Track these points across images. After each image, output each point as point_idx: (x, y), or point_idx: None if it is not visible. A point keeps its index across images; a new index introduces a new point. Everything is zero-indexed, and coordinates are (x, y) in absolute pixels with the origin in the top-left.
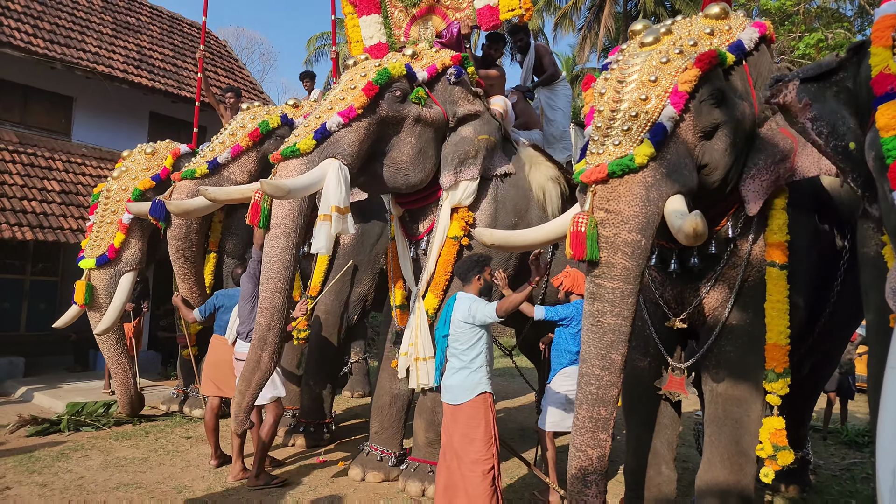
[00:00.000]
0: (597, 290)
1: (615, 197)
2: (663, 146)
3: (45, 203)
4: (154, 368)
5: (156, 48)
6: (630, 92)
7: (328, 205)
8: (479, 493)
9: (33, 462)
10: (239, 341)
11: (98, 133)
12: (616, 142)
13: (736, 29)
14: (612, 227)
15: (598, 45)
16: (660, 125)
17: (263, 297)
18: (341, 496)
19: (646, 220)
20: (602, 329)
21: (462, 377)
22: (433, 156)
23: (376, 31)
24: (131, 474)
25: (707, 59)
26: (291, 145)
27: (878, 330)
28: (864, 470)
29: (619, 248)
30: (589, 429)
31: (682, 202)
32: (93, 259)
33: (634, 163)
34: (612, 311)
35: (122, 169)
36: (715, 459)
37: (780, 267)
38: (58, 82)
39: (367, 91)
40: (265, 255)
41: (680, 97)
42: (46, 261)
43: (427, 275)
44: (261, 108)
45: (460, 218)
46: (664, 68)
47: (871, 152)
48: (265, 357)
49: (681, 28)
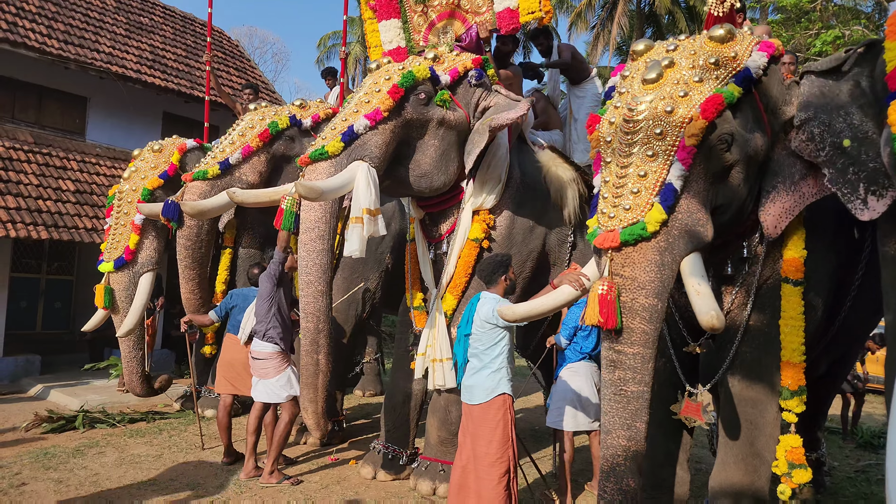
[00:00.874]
0: (617, 357)
1: (630, 263)
2: (675, 207)
3: (59, 203)
4: (168, 367)
5: (169, 48)
6: (637, 146)
7: (359, 207)
8: (493, 496)
9: (49, 458)
10: (256, 340)
11: (112, 133)
12: (626, 205)
13: (742, 54)
14: (629, 293)
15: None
16: (669, 187)
17: (307, 301)
18: (352, 494)
19: (661, 284)
20: (626, 398)
21: (482, 377)
22: (455, 158)
23: (395, 36)
24: (145, 471)
25: (713, 108)
26: (320, 148)
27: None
28: (880, 472)
29: (637, 313)
30: (619, 501)
31: (698, 261)
32: (111, 262)
33: (647, 231)
34: (635, 377)
35: (132, 169)
36: (729, 460)
37: (795, 283)
38: (72, 82)
39: (392, 94)
40: (301, 259)
41: (687, 153)
42: (62, 260)
43: (447, 276)
44: (268, 109)
45: (481, 220)
46: (670, 120)
47: (886, 148)
48: (322, 359)
49: (684, 56)
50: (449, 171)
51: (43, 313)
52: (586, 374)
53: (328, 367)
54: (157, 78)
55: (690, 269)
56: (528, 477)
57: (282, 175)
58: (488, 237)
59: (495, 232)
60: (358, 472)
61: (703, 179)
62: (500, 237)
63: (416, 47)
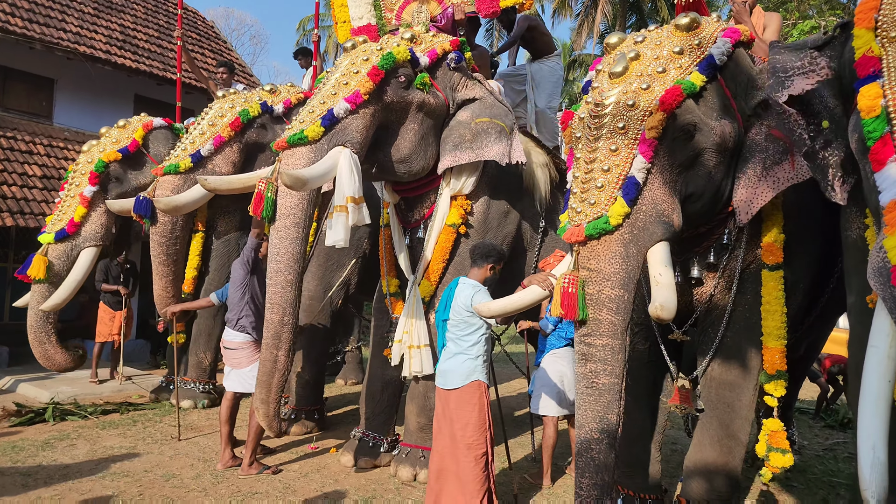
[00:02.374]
0: (588, 349)
1: (595, 256)
2: (638, 200)
3: (25, 188)
4: (143, 357)
5: (140, 28)
6: (602, 141)
7: (343, 195)
8: (471, 478)
9: (17, 452)
10: (227, 329)
11: (81, 116)
12: (592, 200)
13: (707, 42)
14: (595, 285)
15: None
16: (632, 180)
17: (274, 291)
18: (332, 482)
19: (627, 275)
20: (598, 390)
21: (458, 362)
22: (434, 143)
23: (366, 13)
24: (118, 463)
25: (671, 101)
26: (299, 132)
27: (859, 312)
28: (847, 450)
29: (604, 304)
30: (595, 496)
31: (664, 250)
32: (52, 234)
33: (610, 225)
34: (605, 369)
35: (92, 143)
36: (705, 441)
37: (772, 268)
38: (38, 63)
39: (372, 76)
40: (273, 246)
41: (648, 145)
42: (29, 248)
43: (424, 262)
44: (238, 95)
45: (459, 206)
46: (632, 114)
47: (854, 134)
48: (281, 356)
49: (650, 47)
50: (427, 156)
51: (10, 303)
52: (569, 360)
53: (287, 366)
54: (128, 59)
55: (655, 258)
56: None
57: (255, 163)
58: (465, 223)
59: (472, 217)
60: (338, 459)
61: (669, 170)
62: (477, 222)
63: (387, 25)
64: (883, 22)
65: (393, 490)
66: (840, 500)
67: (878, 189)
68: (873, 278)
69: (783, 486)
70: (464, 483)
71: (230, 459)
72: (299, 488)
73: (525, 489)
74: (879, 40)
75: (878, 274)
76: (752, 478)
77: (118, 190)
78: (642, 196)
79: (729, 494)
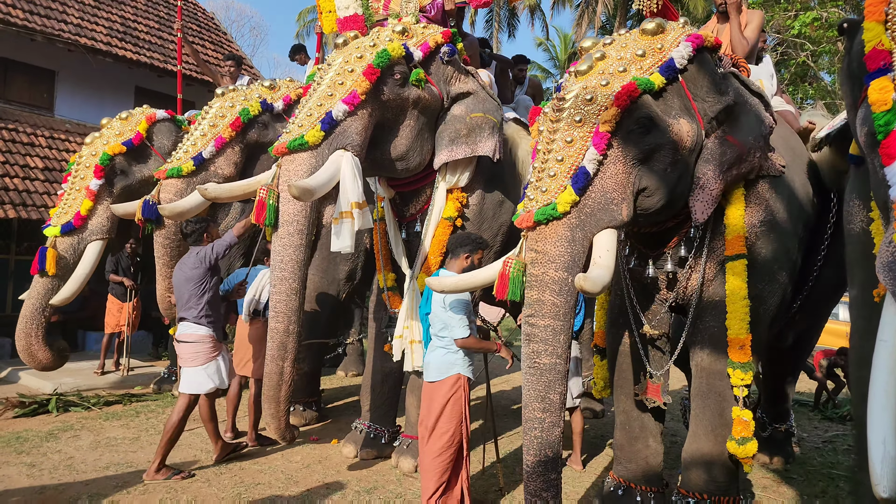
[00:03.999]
0: (531, 329)
1: (541, 239)
2: (587, 189)
3: (27, 180)
4: (145, 349)
5: (141, 20)
6: (560, 132)
7: (348, 201)
8: (430, 466)
9: (21, 443)
10: (185, 323)
11: (82, 108)
12: (543, 188)
13: (669, 46)
14: (539, 266)
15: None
16: (582, 170)
17: (278, 300)
18: (334, 473)
19: (571, 258)
20: (539, 370)
21: (439, 356)
22: (430, 138)
23: (352, 2)
24: (122, 454)
25: (625, 96)
26: (299, 138)
27: (861, 304)
28: (846, 442)
29: (547, 285)
30: (539, 472)
31: (612, 237)
32: (58, 227)
33: (557, 211)
34: (547, 349)
35: (95, 135)
36: (700, 432)
37: (733, 258)
38: (39, 55)
39: (368, 75)
40: (276, 254)
41: (601, 138)
42: (31, 240)
43: (422, 256)
44: (237, 94)
45: (455, 199)
46: (589, 108)
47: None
48: (287, 367)
49: (616, 49)
50: (424, 151)
51: (13, 295)
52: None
53: (291, 377)
54: (129, 51)
55: (600, 242)
56: (506, 451)
57: (257, 163)
58: (461, 215)
59: (468, 210)
60: (340, 451)
61: (623, 163)
62: (472, 215)
63: (374, 15)
64: (893, 15)
65: (394, 481)
66: (839, 492)
67: (888, 183)
68: (882, 272)
69: (782, 478)
70: (424, 470)
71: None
72: (301, 479)
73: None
74: (890, 34)
75: (888, 268)
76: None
77: (123, 183)
78: (592, 186)
79: (727, 483)
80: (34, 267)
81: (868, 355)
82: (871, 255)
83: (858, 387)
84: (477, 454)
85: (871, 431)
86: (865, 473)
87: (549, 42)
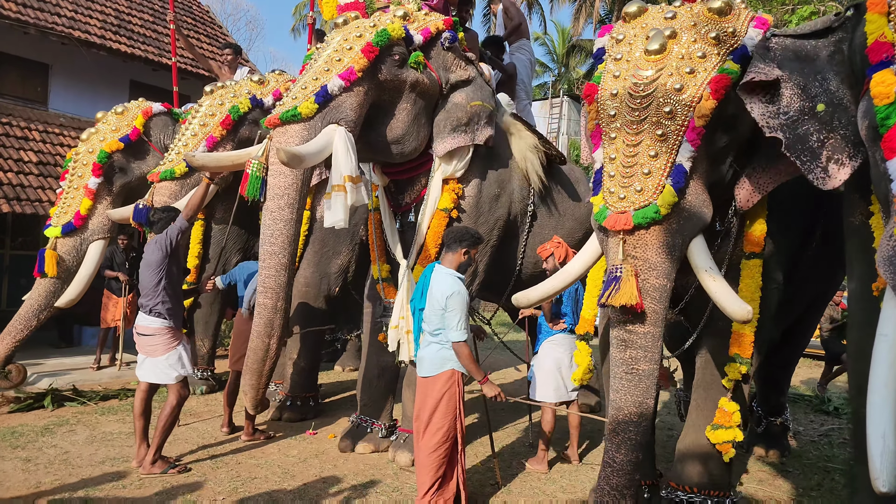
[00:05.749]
0: (628, 336)
1: (642, 245)
2: (686, 189)
3: (21, 175)
4: None
5: (135, 13)
6: (647, 124)
7: (340, 174)
8: (426, 462)
9: (16, 437)
10: (141, 314)
11: (76, 102)
12: (638, 187)
13: (740, 31)
14: (641, 273)
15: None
16: (680, 168)
17: (267, 275)
18: (331, 467)
19: (671, 265)
20: (637, 376)
21: (432, 351)
22: (426, 124)
23: None
24: (118, 448)
25: (722, 90)
26: (292, 109)
27: (860, 298)
28: (842, 435)
29: (648, 293)
30: (628, 471)
31: (703, 243)
32: (58, 227)
33: (660, 214)
34: (646, 356)
35: (91, 131)
36: (699, 423)
37: (752, 256)
38: (32, 48)
39: (366, 53)
40: (266, 228)
41: (697, 133)
42: (26, 235)
43: (417, 247)
44: (227, 91)
45: (451, 190)
46: (679, 99)
47: (864, 121)
48: (273, 343)
49: (684, 27)
50: (420, 137)
51: (7, 290)
52: (567, 347)
53: (278, 353)
54: (123, 44)
55: (699, 250)
56: (502, 445)
57: None
58: (457, 207)
59: (464, 201)
60: (337, 445)
61: (706, 160)
62: (469, 206)
63: (375, 2)
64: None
65: (391, 475)
66: (835, 485)
67: (889, 177)
68: (883, 266)
69: (778, 471)
70: (420, 466)
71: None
72: (298, 473)
73: (521, 475)
74: (893, 25)
75: (889, 262)
76: (745, 463)
77: (122, 180)
78: (687, 184)
79: (720, 477)
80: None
81: (866, 348)
82: (871, 248)
83: (856, 379)
84: (473, 448)
85: (870, 426)
86: (862, 466)
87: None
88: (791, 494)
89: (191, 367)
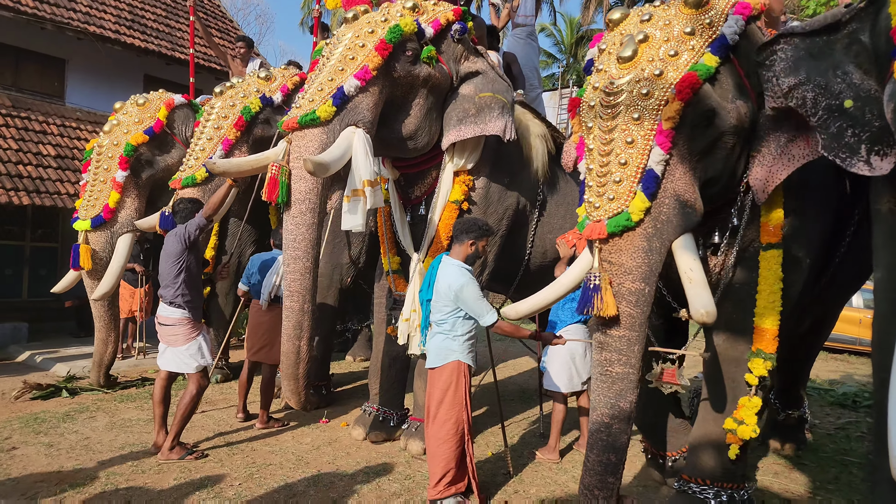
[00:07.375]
0: (604, 338)
1: (617, 251)
2: (658, 193)
3: (40, 168)
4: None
5: (148, 8)
6: (616, 132)
7: (360, 179)
8: (439, 454)
9: (39, 423)
10: (162, 305)
11: (92, 96)
12: (610, 195)
13: (717, 20)
14: (616, 279)
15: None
16: (651, 173)
17: (292, 279)
18: (344, 454)
19: (649, 269)
20: (611, 378)
21: (438, 341)
22: (438, 118)
23: None
24: (136, 434)
25: (687, 89)
26: (310, 112)
27: (886, 288)
28: (859, 429)
29: (623, 297)
30: (598, 472)
31: (689, 241)
32: (87, 220)
33: (632, 221)
34: (620, 359)
35: (113, 123)
36: (711, 417)
37: (769, 247)
38: (49, 44)
39: (380, 50)
40: (289, 233)
41: (666, 136)
42: (46, 227)
43: (428, 239)
44: (236, 91)
45: (461, 182)
46: (647, 103)
47: (890, 103)
48: (303, 346)
49: (658, 27)
50: (432, 131)
51: (28, 281)
52: (580, 336)
53: (309, 355)
54: (137, 39)
55: (682, 251)
56: (515, 436)
57: None
58: (468, 199)
59: (474, 193)
60: (349, 433)
61: (689, 158)
62: (479, 198)
63: None
64: None
65: (403, 463)
66: (852, 479)
67: None
68: None
69: (794, 465)
70: (432, 458)
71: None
72: (312, 460)
73: (532, 464)
74: None
75: None
76: (761, 456)
77: (149, 173)
78: (663, 188)
79: (733, 469)
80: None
81: (891, 340)
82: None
83: (880, 371)
84: (485, 438)
85: (892, 417)
86: (883, 459)
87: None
88: (807, 487)
89: (210, 358)
